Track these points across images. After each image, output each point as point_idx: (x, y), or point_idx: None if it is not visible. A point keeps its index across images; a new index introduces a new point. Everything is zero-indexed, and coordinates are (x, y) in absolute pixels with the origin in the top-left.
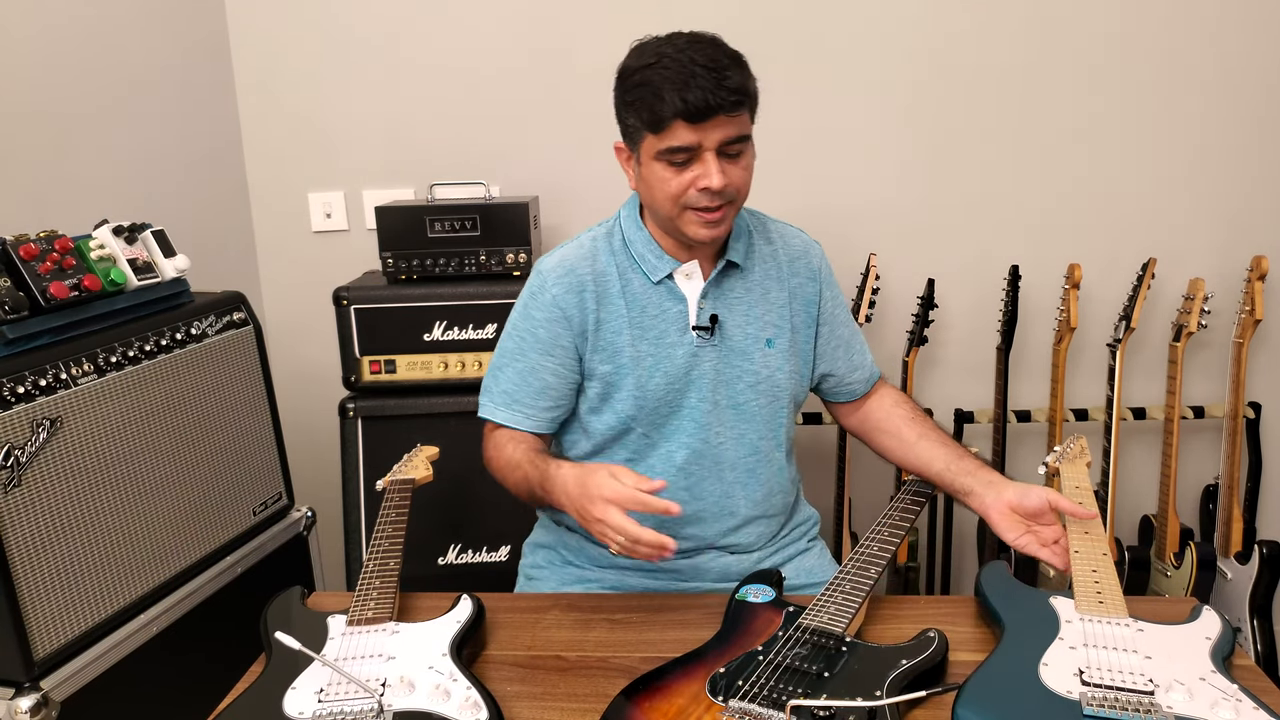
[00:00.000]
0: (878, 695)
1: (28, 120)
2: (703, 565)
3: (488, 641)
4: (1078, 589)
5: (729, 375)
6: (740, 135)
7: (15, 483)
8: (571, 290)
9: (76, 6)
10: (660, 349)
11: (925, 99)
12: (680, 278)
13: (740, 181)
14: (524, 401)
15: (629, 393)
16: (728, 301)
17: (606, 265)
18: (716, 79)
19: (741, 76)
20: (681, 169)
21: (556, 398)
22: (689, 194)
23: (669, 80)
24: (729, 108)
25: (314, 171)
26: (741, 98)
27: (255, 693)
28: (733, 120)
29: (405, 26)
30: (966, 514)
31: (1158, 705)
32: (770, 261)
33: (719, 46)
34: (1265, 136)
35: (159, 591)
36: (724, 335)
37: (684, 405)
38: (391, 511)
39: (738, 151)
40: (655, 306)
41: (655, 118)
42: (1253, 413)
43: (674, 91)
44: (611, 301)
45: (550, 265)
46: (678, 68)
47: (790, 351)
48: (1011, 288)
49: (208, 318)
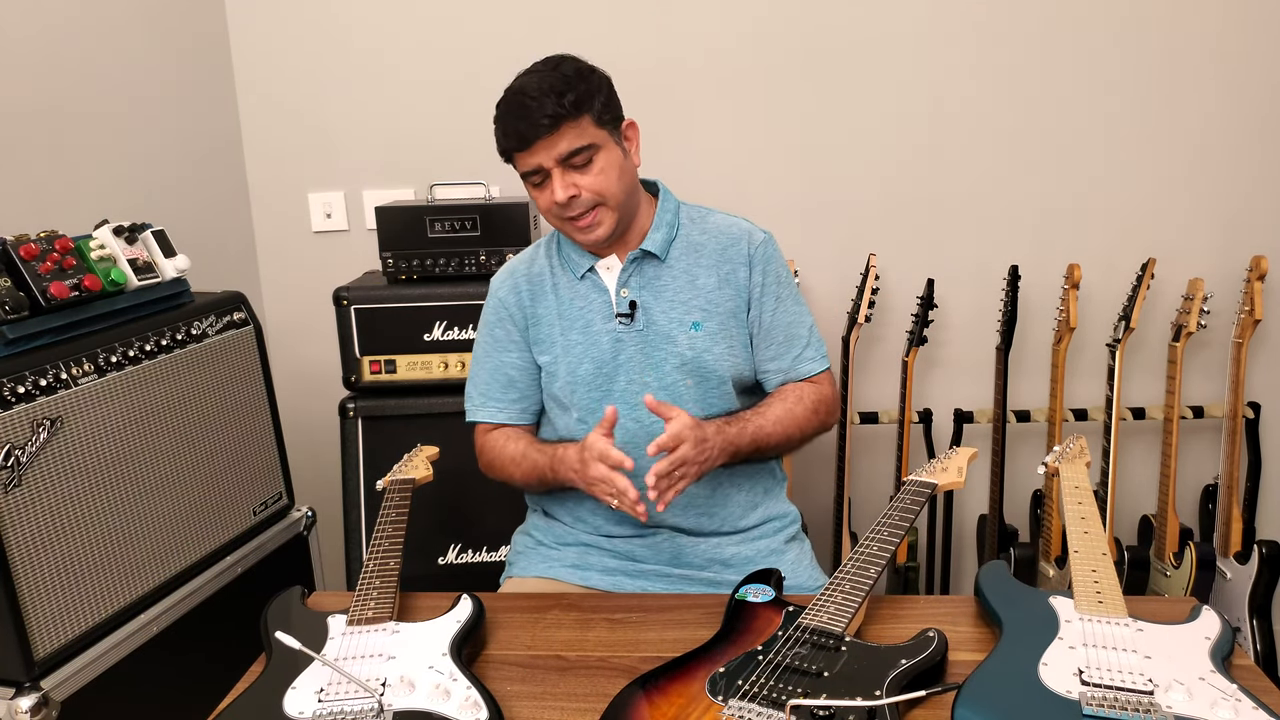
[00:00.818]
0: (877, 695)
1: (28, 120)
2: (658, 546)
3: (488, 641)
4: (1077, 589)
5: (656, 358)
6: (575, 149)
7: (15, 483)
8: (511, 291)
9: (76, 7)
10: (588, 337)
11: (926, 99)
12: (602, 270)
13: (595, 186)
14: (495, 397)
15: (564, 380)
16: (653, 289)
17: (543, 266)
18: (536, 107)
19: (560, 103)
20: (542, 189)
21: (523, 389)
22: (553, 209)
23: (504, 116)
24: (544, 132)
25: (314, 171)
26: (554, 120)
27: (255, 693)
28: (559, 138)
29: (405, 27)
30: (967, 514)
31: (1157, 705)
32: (700, 251)
33: (556, 69)
34: (1265, 136)
35: (159, 591)
36: (648, 320)
37: (614, 389)
38: (391, 511)
39: (584, 161)
40: (582, 299)
41: (503, 150)
42: (1252, 413)
43: (508, 126)
44: (544, 298)
45: (499, 273)
46: (511, 103)
47: (722, 334)
48: (1011, 288)
49: (208, 318)
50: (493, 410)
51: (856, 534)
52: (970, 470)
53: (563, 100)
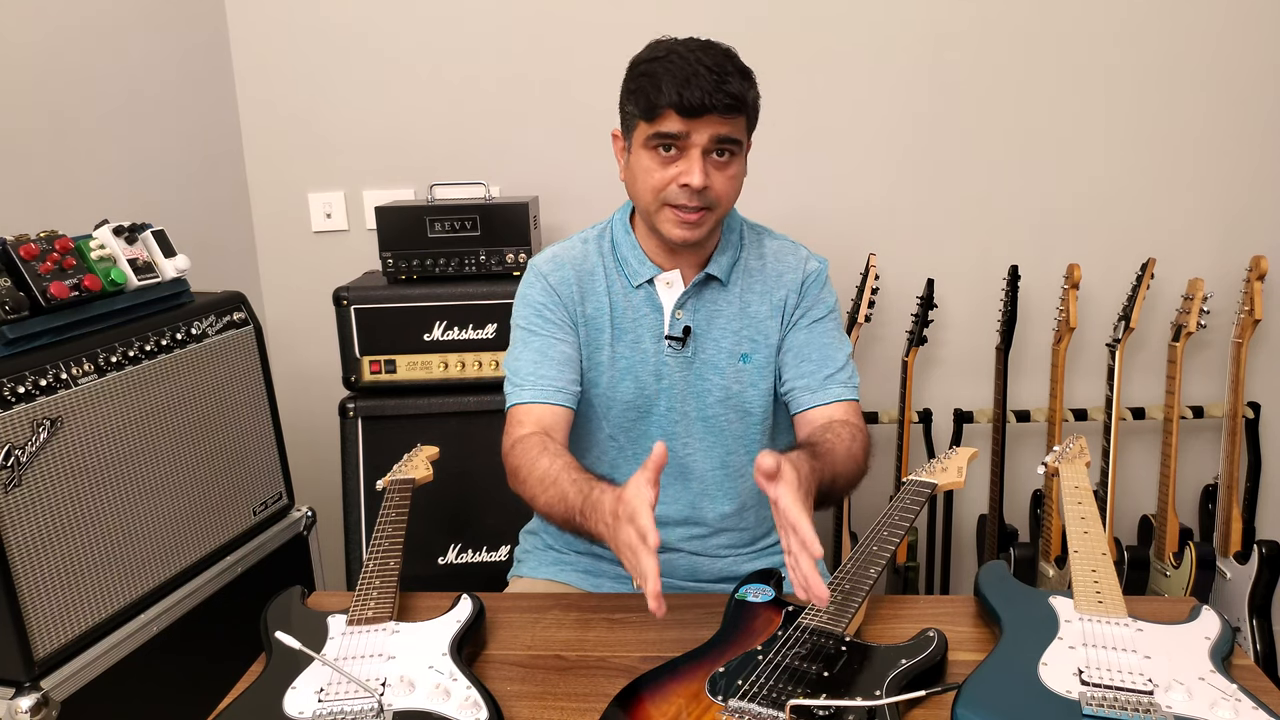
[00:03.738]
0: (877, 695)
1: (28, 120)
2: (672, 562)
3: (488, 641)
4: (1077, 589)
5: (700, 388)
6: (730, 137)
7: (15, 483)
8: (563, 281)
9: (77, 7)
10: (634, 353)
11: (925, 99)
12: (660, 285)
13: (723, 189)
14: (548, 375)
15: (602, 392)
16: (707, 314)
17: (595, 265)
18: (717, 80)
19: (742, 86)
20: (667, 162)
21: (577, 369)
22: (670, 189)
23: (671, 74)
24: (723, 109)
25: (314, 171)
26: (737, 103)
27: (255, 692)
28: (725, 122)
29: (405, 26)
30: (966, 514)
31: (1157, 705)
32: (757, 275)
33: (730, 57)
34: (1265, 136)
35: (159, 591)
36: (697, 347)
37: (653, 412)
38: (391, 511)
39: (726, 155)
40: (634, 311)
41: (650, 105)
42: (1252, 413)
43: (672, 84)
44: (597, 298)
45: (543, 259)
46: (683, 64)
47: (768, 367)
48: (1011, 288)
49: (208, 318)
50: (544, 389)
51: (856, 534)
52: (970, 470)
53: (748, 85)
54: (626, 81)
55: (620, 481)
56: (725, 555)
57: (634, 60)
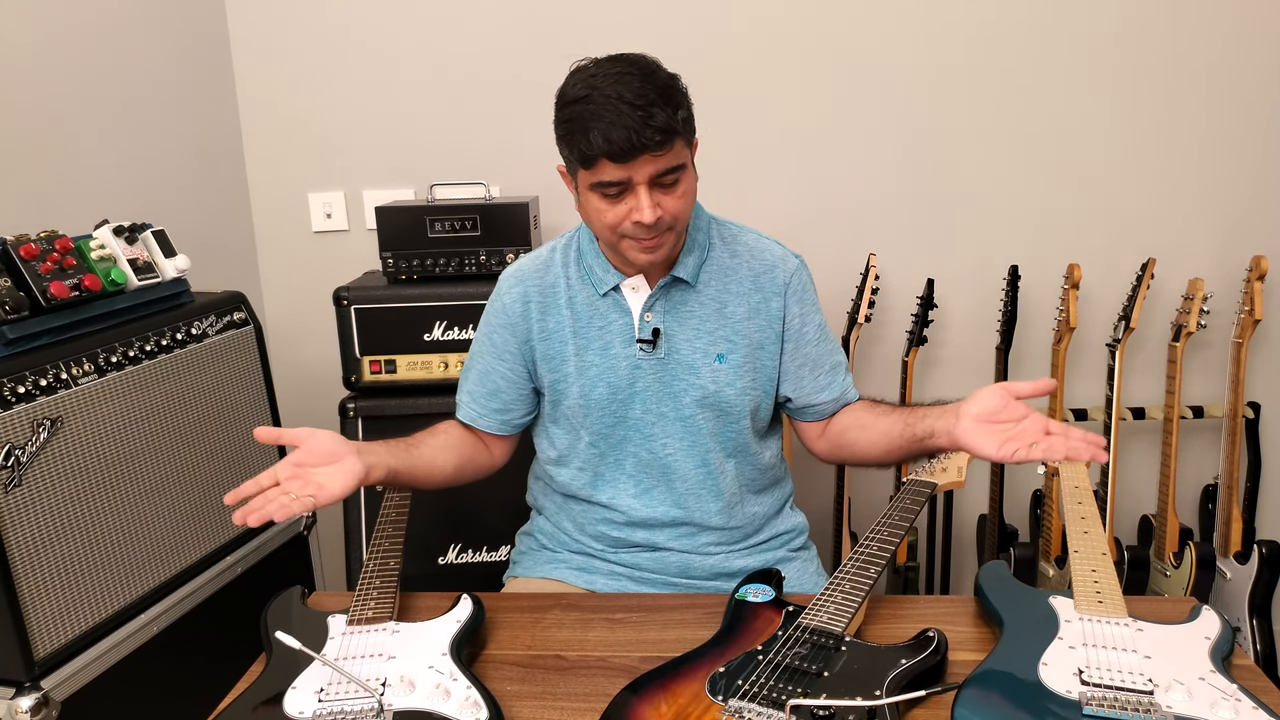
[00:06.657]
0: (877, 695)
1: (29, 120)
2: (664, 561)
3: (488, 641)
4: (1077, 588)
5: (675, 389)
6: (671, 167)
7: (15, 483)
8: (518, 300)
9: (77, 7)
10: (605, 359)
11: (926, 99)
12: (627, 290)
13: (677, 209)
14: (481, 401)
15: (575, 401)
16: (678, 315)
17: (558, 276)
18: (643, 117)
19: (668, 113)
20: (615, 201)
21: (506, 401)
22: (625, 224)
23: (597, 118)
24: (654, 147)
25: (314, 172)
26: (667, 136)
27: (255, 692)
28: (660, 156)
29: (405, 26)
30: (966, 514)
31: (1157, 705)
32: (730, 276)
33: (649, 78)
34: (1265, 137)
35: (159, 591)
36: (671, 349)
37: (629, 416)
38: (392, 511)
39: (672, 181)
40: (601, 318)
41: (584, 155)
42: (1252, 413)
43: (599, 132)
44: (557, 312)
45: (509, 273)
46: (605, 104)
47: (746, 366)
48: (1011, 288)
49: (208, 318)
50: (474, 414)
51: (856, 534)
52: (970, 470)
53: (675, 114)
54: (556, 124)
55: (605, 493)
56: (716, 552)
57: (558, 96)
